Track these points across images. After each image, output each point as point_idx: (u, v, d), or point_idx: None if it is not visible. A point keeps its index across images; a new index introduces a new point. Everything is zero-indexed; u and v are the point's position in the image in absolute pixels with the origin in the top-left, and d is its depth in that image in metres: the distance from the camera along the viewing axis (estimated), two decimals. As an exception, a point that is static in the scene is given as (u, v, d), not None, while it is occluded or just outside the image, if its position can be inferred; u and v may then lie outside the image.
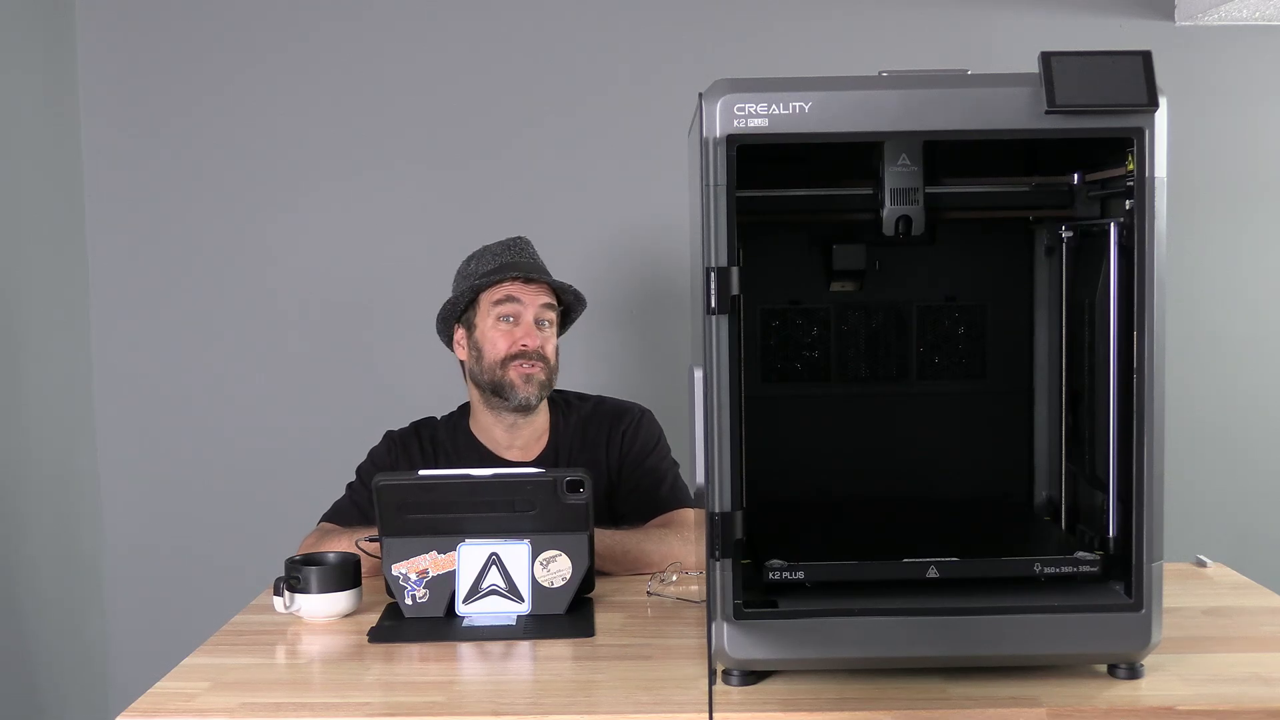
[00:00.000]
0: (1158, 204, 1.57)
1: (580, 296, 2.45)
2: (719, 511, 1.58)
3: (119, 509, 3.18)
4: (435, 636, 1.88)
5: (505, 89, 3.10)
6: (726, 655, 1.62)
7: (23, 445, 2.88)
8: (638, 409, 2.51)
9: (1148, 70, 1.56)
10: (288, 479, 3.13)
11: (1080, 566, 1.66)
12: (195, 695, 1.65)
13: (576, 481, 1.97)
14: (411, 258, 3.12)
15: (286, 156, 3.12)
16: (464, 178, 3.11)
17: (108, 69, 3.10)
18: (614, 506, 2.42)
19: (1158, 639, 1.62)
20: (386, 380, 3.14)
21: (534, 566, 1.97)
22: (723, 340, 1.56)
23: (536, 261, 2.45)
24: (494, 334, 2.37)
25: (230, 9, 3.10)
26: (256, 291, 3.15)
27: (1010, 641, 1.62)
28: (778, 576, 1.63)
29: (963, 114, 1.57)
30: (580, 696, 1.63)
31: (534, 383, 2.36)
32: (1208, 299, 3.10)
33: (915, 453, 2.00)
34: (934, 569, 1.64)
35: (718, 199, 1.55)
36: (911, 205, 1.73)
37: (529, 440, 2.45)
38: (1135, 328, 1.58)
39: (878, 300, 1.97)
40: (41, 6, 2.98)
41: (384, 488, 1.98)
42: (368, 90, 3.11)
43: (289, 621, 1.98)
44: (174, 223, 3.14)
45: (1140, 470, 1.59)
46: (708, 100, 1.56)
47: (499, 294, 2.38)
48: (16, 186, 2.88)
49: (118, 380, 3.16)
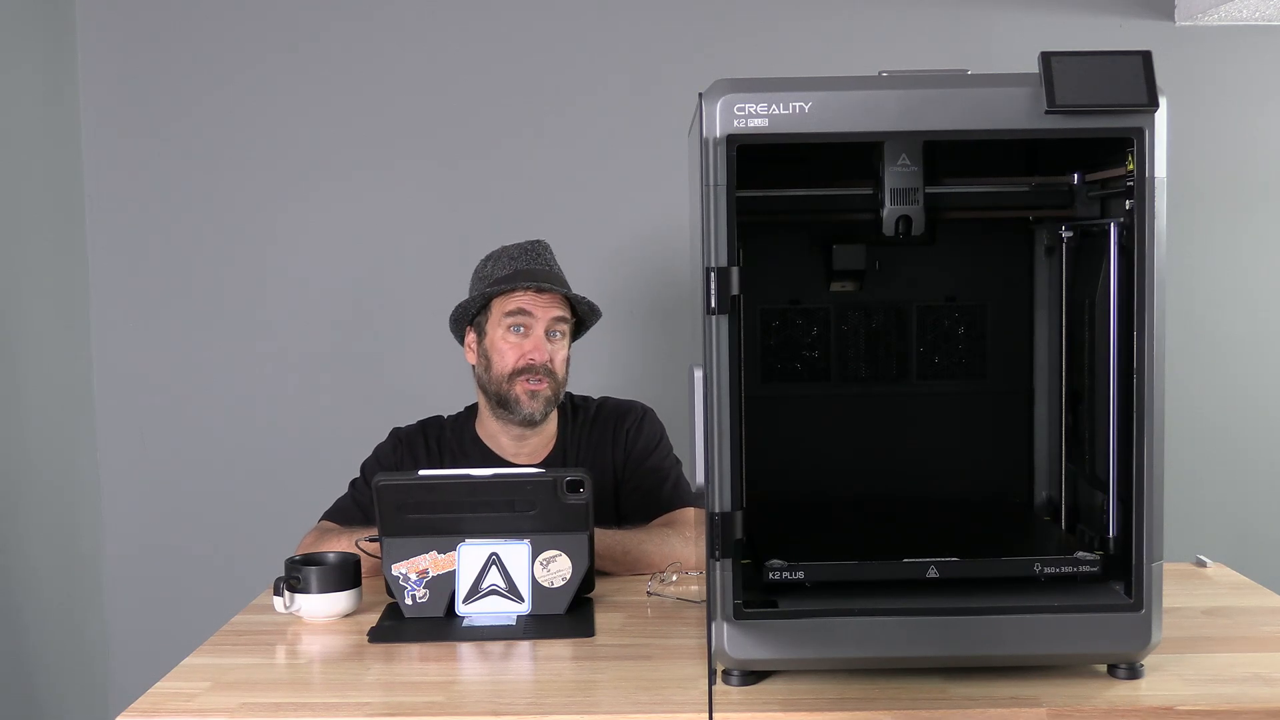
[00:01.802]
0: (1158, 204, 1.57)
1: (594, 308, 2.43)
2: (719, 511, 1.58)
3: (119, 509, 3.18)
4: (435, 636, 1.88)
5: (506, 89, 3.10)
6: (726, 655, 1.62)
7: (23, 445, 2.88)
8: (640, 408, 2.51)
9: (1148, 70, 1.56)
10: (288, 479, 3.13)
11: (1080, 566, 1.66)
12: (195, 695, 1.65)
13: (576, 481, 1.97)
14: (411, 258, 3.12)
15: (287, 156, 3.12)
16: (464, 177, 3.11)
17: (108, 69, 3.10)
18: (619, 506, 2.42)
19: (1158, 639, 1.62)
20: (386, 380, 3.14)
21: (534, 566, 1.97)
22: (723, 340, 1.56)
23: (553, 269, 2.43)
24: (503, 345, 2.36)
25: (230, 9, 3.10)
26: (257, 291, 3.15)
27: (1010, 641, 1.62)
28: (778, 576, 1.63)
29: (963, 114, 1.57)
30: (580, 696, 1.63)
31: (539, 399, 2.36)
32: (1208, 299, 3.10)
33: (915, 453, 2.00)
34: (934, 569, 1.64)
35: (717, 199, 1.55)
36: (911, 205, 1.73)
37: (536, 448, 2.45)
38: (1135, 328, 1.58)
39: (878, 300, 1.97)
40: (41, 6, 2.98)
41: (384, 488, 1.98)
42: (368, 90, 3.11)
43: (289, 621, 1.98)
44: (174, 223, 3.14)
45: (1140, 470, 1.59)
46: (708, 100, 1.56)
47: (511, 304, 2.36)
48: (16, 186, 2.88)
49: (118, 380, 3.16)
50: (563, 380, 2.40)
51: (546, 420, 2.43)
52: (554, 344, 2.38)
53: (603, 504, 2.28)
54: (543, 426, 2.43)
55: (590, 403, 2.53)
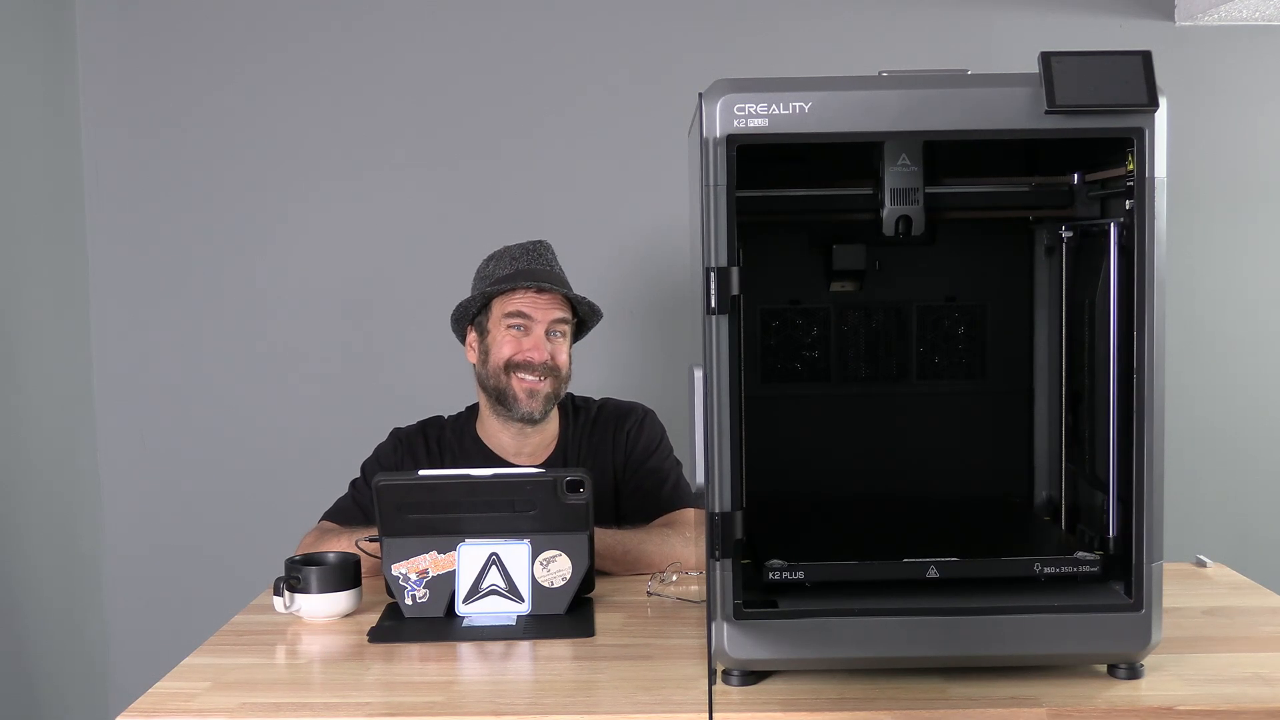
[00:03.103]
0: (1158, 204, 1.57)
1: (595, 309, 2.43)
2: (719, 511, 1.58)
3: (119, 509, 3.18)
4: (435, 636, 1.88)
5: (506, 89, 3.10)
6: (726, 655, 1.62)
7: (23, 445, 2.88)
8: (641, 409, 2.51)
9: (1148, 70, 1.56)
10: (288, 479, 3.13)
11: (1080, 566, 1.66)
12: (195, 695, 1.65)
13: (576, 481, 1.97)
14: (411, 258, 3.12)
15: (288, 156, 3.12)
16: (465, 177, 3.11)
17: (108, 69, 3.10)
18: (619, 507, 2.42)
19: (1158, 639, 1.62)
20: (387, 380, 3.14)
21: (534, 566, 1.97)
22: (723, 340, 1.56)
23: (554, 270, 2.43)
24: (502, 342, 2.37)
25: (231, 9, 3.10)
26: (257, 291, 3.15)
27: (1010, 641, 1.62)
28: (778, 576, 1.63)
29: (963, 114, 1.57)
30: (580, 696, 1.63)
31: (538, 398, 2.36)
32: (1208, 299, 3.10)
33: (915, 453, 2.00)
34: (934, 569, 1.64)
35: (717, 199, 1.55)
36: (911, 205, 1.73)
37: (538, 447, 2.45)
38: (1135, 328, 1.58)
39: (878, 300, 1.97)
40: (41, 6, 2.98)
41: (384, 488, 1.98)
42: (368, 90, 3.11)
43: (289, 621, 1.98)
44: (174, 223, 3.14)
45: (1140, 470, 1.59)
46: (708, 100, 1.56)
47: (510, 305, 2.37)
48: (16, 186, 2.88)
49: (118, 380, 3.16)
50: (566, 378, 2.40)
51: (547, 420, 2.43)
52: (554, 344, 2.38)
53: (603, 505, 2.28)
54: (543, 426, 2.43)
55: (592, 404, 2.53)
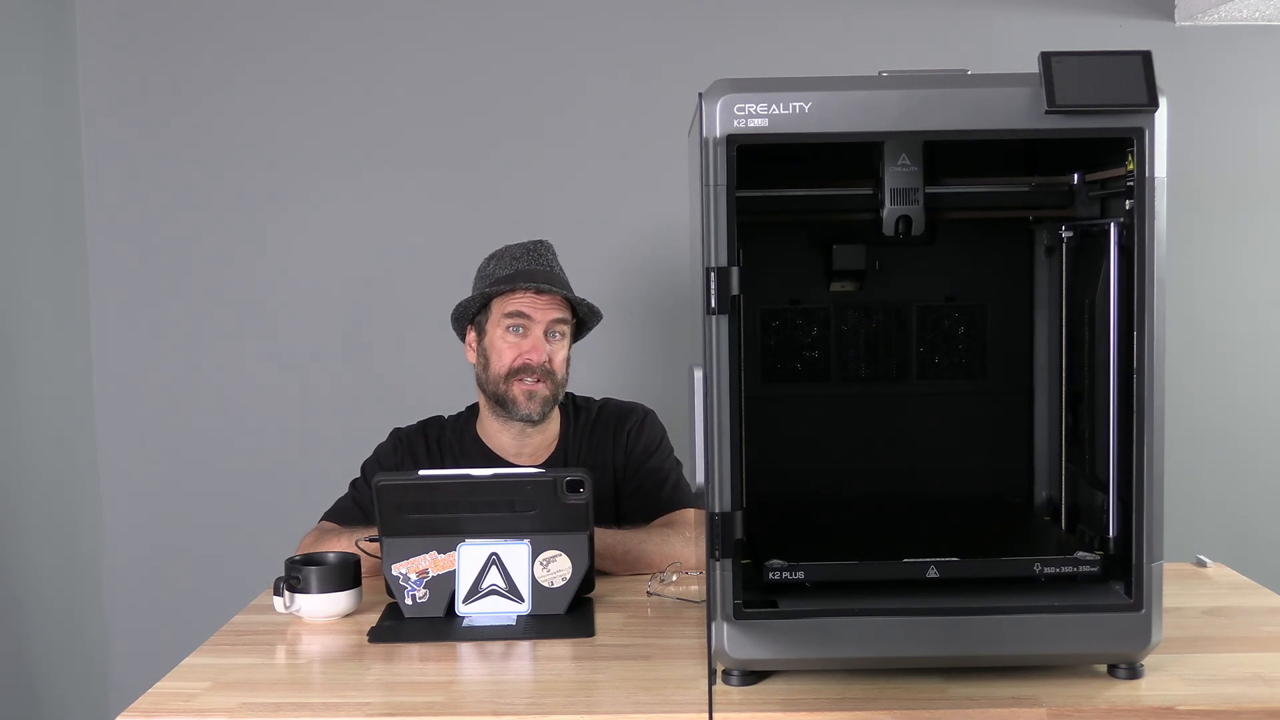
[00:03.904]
0: (1158, 204, 1.57)
1: (595, 310, 2.43)
2: (719, 511, 1.58)
3: (119, 509, 3.18)
4: (435, 636, 1.88)
5: (506, 89, 3.10)
6: (726, 655, 1.62)
7: (23, 445, 2.88)
8: (641, 409, 2.51)
9: (1148, 70, 1.56)
10: (288, 479, 3.13)
11: (1080, 566, 1.66)
12: (195, 695, 1.65)
13: (576, 481, 1.97)
14: (411, 257, 3.12)
15: (288, 156, 3.12)
16: (464, 177, 3.11)
17: (108, 69, 3.10)
18: (619, 507, 2.42)
19: (1158, 639, 1.62)
20: (387, 381, 3.14)
21: (534, 566, 1.97)
22: (723, 340, 1.56)
23: (553, 271, 2.43)
24: (501, 345, 2.36)
25: (231, 8, 3.10)
26: (257, 291, 3.15)
27: (1010, 641, 1.62)
28: (778, 576, 1.63)
29: (963, 114, 1.57)
30: (580, 696, 1.63)
31: (537, 400, 2.36)
32: (1208, 299, 3.10)
33: (915, 453, 2.00)
34: (934, 569, 1.64)
35: (717, 199, 1.55)
36: (911, 205, 1.73)
37: (538, 448, 2.45)
38: (1135, 328, 1.58)
39: (878, 300, 1.97)
40: (41, 6, 2.98)
41: (384, 488, 1.98)
42: (368, 90, 3.11)
43: (289, 621, 1.98)
44: (174, 222, 3.14)
45: (1140, 470, 1.59)
46: (708, 100, 1.56)
47: (510, 305, 2.36)
48: (16, 186, 2.88)
49: (118, 380, 3.16)
50: (562, 381, 2.40)
51: (548, 420, 2.43)
52: (553, 345, 2.38)
53: (603, 505, 2.28)
54: (544, 426, 2.43)
55: (592, 404, 2.53)
